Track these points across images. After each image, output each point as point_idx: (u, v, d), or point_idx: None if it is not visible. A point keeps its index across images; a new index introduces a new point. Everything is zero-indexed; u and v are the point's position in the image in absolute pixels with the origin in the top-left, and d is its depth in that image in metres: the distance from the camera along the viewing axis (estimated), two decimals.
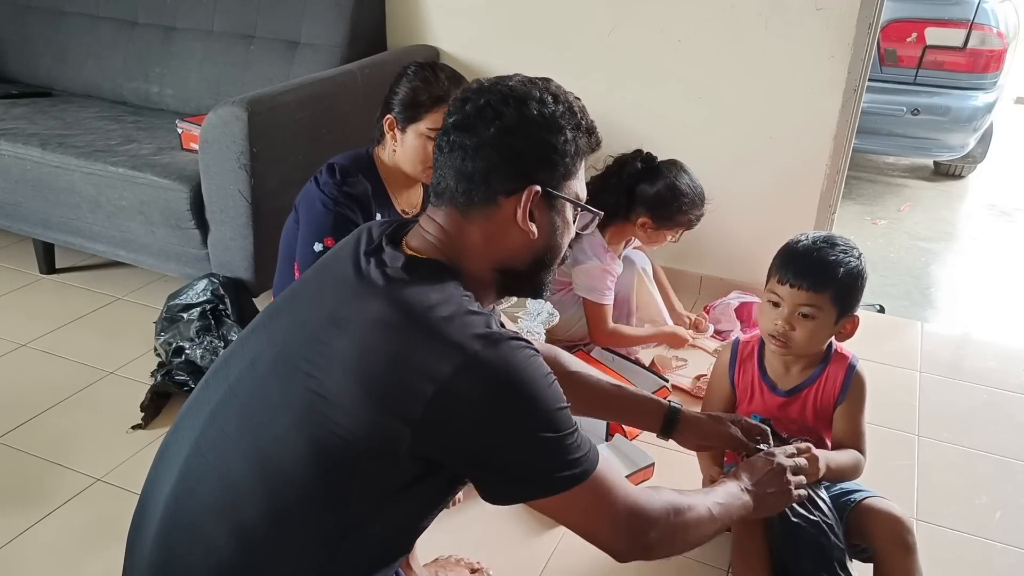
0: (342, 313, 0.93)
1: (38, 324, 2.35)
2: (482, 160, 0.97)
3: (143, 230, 2.27)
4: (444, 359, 0.86)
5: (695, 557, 1.63)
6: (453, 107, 1.01)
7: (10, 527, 1.63)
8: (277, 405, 0.92)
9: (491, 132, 0.96)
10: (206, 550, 0.91)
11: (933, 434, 2.03)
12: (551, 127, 0.98)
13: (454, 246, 0.99)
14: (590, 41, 2.49)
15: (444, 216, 1.00)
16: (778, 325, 1.46)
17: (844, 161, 2.36)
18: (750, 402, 1.58)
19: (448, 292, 0.93)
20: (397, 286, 0.92)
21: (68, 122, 2.58)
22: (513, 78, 1.01)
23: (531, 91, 0.99)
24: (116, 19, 2.88)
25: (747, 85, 2.37)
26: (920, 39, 3.62)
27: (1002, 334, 2.68)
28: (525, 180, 0.97)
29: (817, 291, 1.42)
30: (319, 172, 1.74)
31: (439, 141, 1.01)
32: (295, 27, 2.60)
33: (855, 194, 4.01)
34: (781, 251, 1.51)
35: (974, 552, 1.68)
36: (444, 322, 0.88)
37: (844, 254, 1.44)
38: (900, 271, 3.19)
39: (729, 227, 2.56)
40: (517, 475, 0.92)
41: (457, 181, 0.98)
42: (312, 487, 0.89)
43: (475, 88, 1.01)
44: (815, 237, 1.49)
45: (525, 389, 0.89)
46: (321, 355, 0.90)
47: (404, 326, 0.89)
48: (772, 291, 1.49)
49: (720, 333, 2.45)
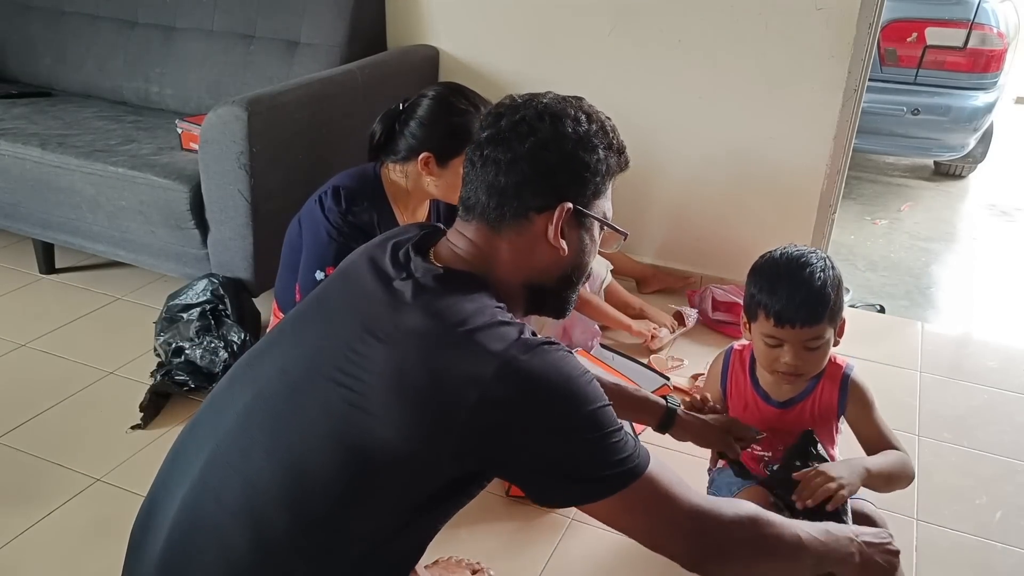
0: (377, 324, 0.92)
1: (38, 324, 2.35)
2: (515, 174, 0.97)
3: (143, 230, 2.27)
4: (483, 367, 0.86)
5: None
6: (486, 121, 1.01)
7: (10, 527, 1.63)
8: (312, 414, 0.91)
9: (526, 147, 0.97)
10: (223, 552, 0.91)
11: (933, 434, 2.03)
12: (585, 145, 0.99)
13: (485, 260, 1.00)
14: (590, 41, 2.49)
15: (474, 231, 1.00)
16: (787, 364, 1.42)
17: (844, 161, 2.36)
18: (744, 412, 1.55)
19: (482, 303, 0.92)
20: (431, 297, 0.92)
21: (68, 122, 2.58)
22: (546, 95, 1.02)
23: (566, 108, 1.00)
24: (116, 19, 2.88)
25: (747, 85, 2.37)
26: (920, 39, 3.61)
27: (1002, 334, 2.68)
28: (557, 197, 0.98)
29: (816, 323, 1.38)
30: (324, 194, 1.71)
31: (471, 155, 1.01)
32: (295, 27, 2.60)
33: (855, 194, 4.01)
34: (761, 291, 1.42)
35: (974, 552, 1.68)
36: (480, 332, 0.88)
37: (821, 271, 1.39)
38: (900, 271, 3.19)
39: (729, 227, 2.57)
40: (565, 476, 0.91)
41: (489, 196, 0.98)
42: (345, 497, 0.89)
43: (509, 103, 1.02)
44: (787, 267, 1.41)
45: (564, 390, 0.89)
46: (358, 366, 0.90)
47: (442, 337, 0.88)
48: (768, 335, 1.42)
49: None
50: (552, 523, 1.69)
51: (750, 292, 1.45)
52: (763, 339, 1.43)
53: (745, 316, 1.49)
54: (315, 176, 2.10)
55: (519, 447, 0.89)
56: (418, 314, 0.90)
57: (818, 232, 2.45)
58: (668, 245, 2.68)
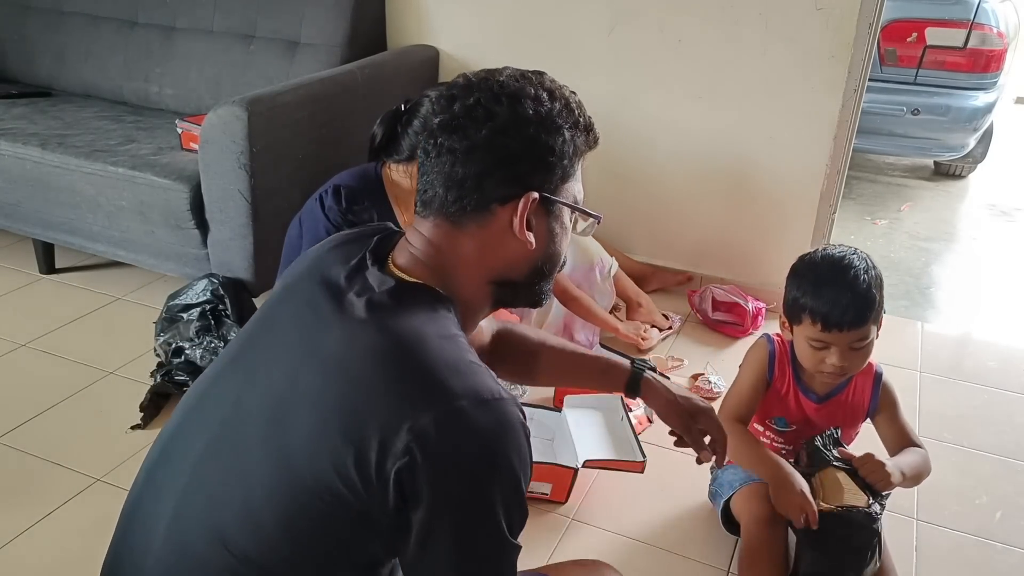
0: (323, 345, 0.84)
1: (38, 324, 2.35)
2: (474, 164, 0.88)
3: (143, 230, 2.27)
4: (427, 401, 0.77)
5: (695, 557, 1.63)
6: (439, 105, 0.91)
7: (10, 527, 1.63)
8: (258, 460, 0.83)
9: (483, 134, 0.87)
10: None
11: (933, 434, 2.03)
12: (548, 127, 0.89)
13: (445, 261, 0.91)
14: (590, 41, 2.49)
15: (432, 227, 0.91)
16: (834, 366, 1.43)
17: (844, 161, 2.36)
18: (785, 405, 1.56)
19: (442, 326, 0.84)
20: (385, 314, 0.84)
21: (68, 122, 2.58)
22: (503, 72, 0.92)
23: (525, 87, 0.90)
24: (116, 19, 2.87)
25: (747, 85, 2.37)
26: (920, 39, 3.61)
27: (1002, 334, 2.68)
28: (521, 186, 0.89)
29: (863, 325, 1.40)
30: (325, 192, 1.71)
31: (424, 144, 0.92)
32: (295, 27, 2.60)
33: (855, 194, 4.01)
34: (804, 295, 1.42)
35: (974, 552, 1.68)
36: (437, 361, 0.80)
37: (864, 272, 1.40)
38: (900, 271, 3.19)
39: (729, 227, 2.57)
40: (436, 557, 0.79)
41: (447, 188, 0.89)
42: (296, 554, 0.82)
43: (463, 83, 0.91)
44: (830, 270, 1.41)
45: (498, 471, 0.78)
46: (299, 394, 0.82)
47: (394, 356, 0.80)
48: (814, 338, 1.42)
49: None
50: (552, 523, 1.70)
51: (792, 295, 1.45)
52: (808, 342, 1.44)
53: (786, 318, 1.49)
54: (315, 176, 2.10)
55: (424, 496, 0.77)
56: (371, 332, 0.82)
57: (818, 232, 2.45)
58: (668, 245, 2.68)
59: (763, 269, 2.56)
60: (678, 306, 2.56)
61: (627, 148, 2.49)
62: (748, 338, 2.41)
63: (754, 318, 2.43)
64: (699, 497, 1.75)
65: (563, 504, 1.73)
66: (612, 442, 1.84)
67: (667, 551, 1.64)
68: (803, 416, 1.56)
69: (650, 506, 1.75)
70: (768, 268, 2.55)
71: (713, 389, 2.13)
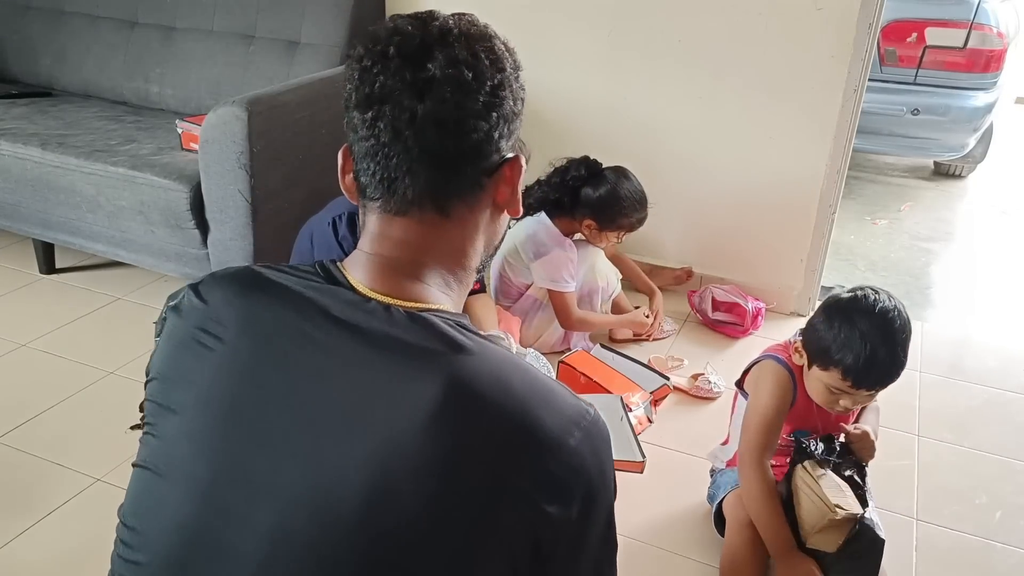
0: (370, 413, 0.66)
1: (38, 324, 2.35)
2: (472, 133, 0.73)
3: (143, 230, 2.27)
4: (544, 457, 0.66)
5: (694, 557, 1.63)
6: (388, 65, 0.72)
7: (10, 527, 1.63)
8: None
9: (480, 96, 0.72)
10: None
11: (933, 434, 2.03)
12: (518, 74, 0.77)
13: (430, 262, 0.76)
14: (590, 41, 2.49)
15: (407, 226, 0.75)
16: (844, 409, 1.45)
17: (844, 161, 2.36)
18: (808, 413, 1.54)
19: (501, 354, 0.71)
20: (450, 357, 0.68)
21: (68, 122, 2.58)
22: (437, 18, 0.75)
23: (484, 31, 0.77)
24: (116, 19, 2.87)
25: (747, 85, 2.37)
26: (920, 39, 3.62)
27: (1002, 334, 2.68)
28: (510, 148, 0.77)
29: (892, 382, 1.41)
30: (339, 218, 1.67)
31: (371, 117, 0.72)
32: (295, 27, 2.60)
33: (855, 194, 4.01)
34: (843, 347, 1.36)
35: (974, 552, 1.68)
36: (533, 404, 0.68)
37: (902, 331, 1.37)
38: (900, 271, 3.19)
39: (729, 227, 2.57)
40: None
41: (436, 169, 0.73)
42: None
43: (402, 37, 0.73)
44: (880, 332, 1.35)
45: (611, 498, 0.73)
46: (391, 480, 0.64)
47: (476, 414, 0.66)
48: (839, 388, 1.40)
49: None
50: None
51: (824, 337, 1.39)
52: (829, 387, 1.42)
53: (805, 352, 1.46)
54: (315, 176, 2.10)
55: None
56: (434, 386, 0.66)
57: (818, 232, 2.46)
58: (667, 245, 2.68)
59: (763, 269, 2.56)
60: (678, 306, 2.56)
61: (627, 148, 2.49)
62: (748, 338, 2.41)
63: (754, 318, 2.43)
64: (698, 497, 1.75)
65: None
66: (611, 442, 1.83)
67: (666, 551, 1.64)
68: (825, 423, 1.54)
69: (649, 506, 1.75)
70: (768, 268, 2.55)
71: (713, 389, 2.13)
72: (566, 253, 2.19)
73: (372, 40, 0.74)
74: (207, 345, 0.73)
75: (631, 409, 1.94)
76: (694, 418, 2.07)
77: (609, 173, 2.23)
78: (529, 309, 2.27)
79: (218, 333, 0.73)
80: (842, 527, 1.35)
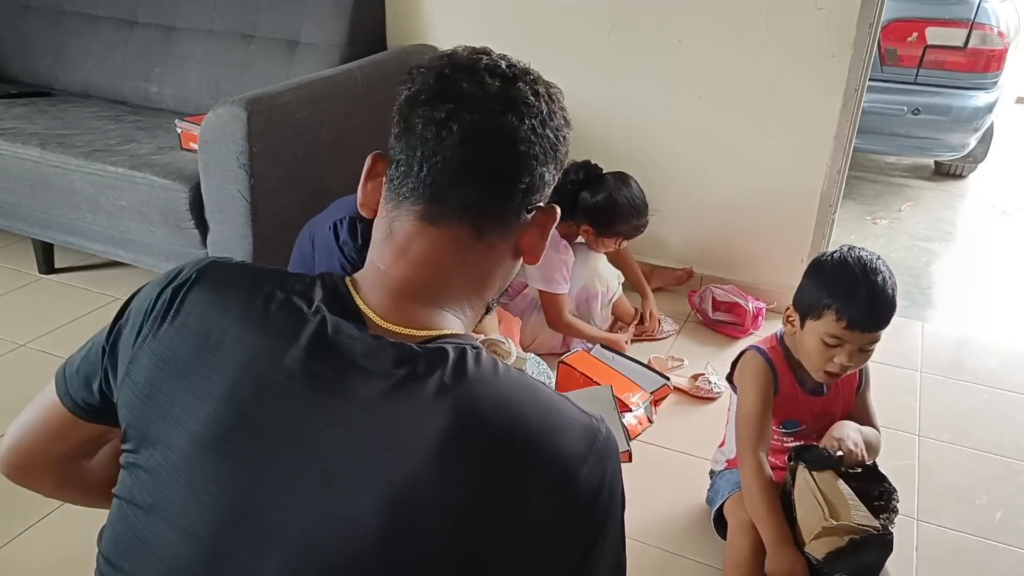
0: (381, 454, 0.64)
1: (38, 324, 2.35)
2: (534, 158, 0.72)
3: (143, 230, 2.27)
4: (552, 483, 0.65)
5: (694, 557, 1.63)
6: (483, 76, 0.72)
7: (10, 527, 1.63)
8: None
9: (550, 125, 0.74)
10: None
11: (933, 434, 2.03)
12: (567, 121, 0.77)
13: (449, 286, 0.74)
14: (590, 41, 2.49)
15: (438, 241, 0.72)
16: (840, 365, 1.44)
17: (844, 161, 2.36)
18: (792, 407, 1.56)
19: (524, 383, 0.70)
20: (457, 390, 0.66)
21: (68, 122, 2.58)
22: (491, 57, 0.75)
23: (537, 78, 0.77)
24: (116, 19, 2.87)
25: (747, 85, 2.36)
26: (921, 39, 3.61)
27: (1002, 334, 2.68)
28: (548, 191, 0.77)
29: (882, 329, 1.43)
30: (340, 222, 1.67)
31: (439, 114, 0.71)
32: (295, 27, 2.60)
33: (855, 194, 4.01)
34: (833, 294, 1.41)
35: (974, 552, 1.68)
36: (545, 428, 0.67)
37: (889, 277, 1.42)
38: (900, 271, 3.17)
39: (729, 227, 2.57)
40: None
41: (488, 188, 0.72)
42: None
43: (486, 67, 0.73)
44: (863, 272, 1.41)
45: (619, 519, 0.71)
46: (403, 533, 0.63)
47: (497, 445, 0.65)
48: (832, 335, 1.42)
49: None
50: None
51: (815, 292, 1.45)
52: (823, 338, 1.44)
53: (796, 312, 1.49)
54: (315, 176, 2.10)
55: None
56: (444, 417, 0.64)
57: (818, 232, 2.45)
58: (667, 245, 2.68)
59: (763, 269, 2.56)
60: (678, 306, 2.56)
61: (627, 148, 2.49)
62: (748, 338, 2.40)
63: (754, 318, 2.43)
64: (698, 498, 1.75)
65: None
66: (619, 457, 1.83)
67: (666, 551, 1.64)
68: (811, 412, 1.56)
69: (649, 505, 1.75)
70: (768, 268, 2.55)
71: (713, 389, 2.13)
72: (560, 256, 2.18)
73: (449, 58, 0.74)
74: (201, 375, 0.69)
75: (631, 409, 1.94)
76: (694, 418, 2.07)
77: (609, 179, 2.22)
78: (526, 309, 2.27)
79: (214, 364, 0.69)
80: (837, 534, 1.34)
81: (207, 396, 0.68)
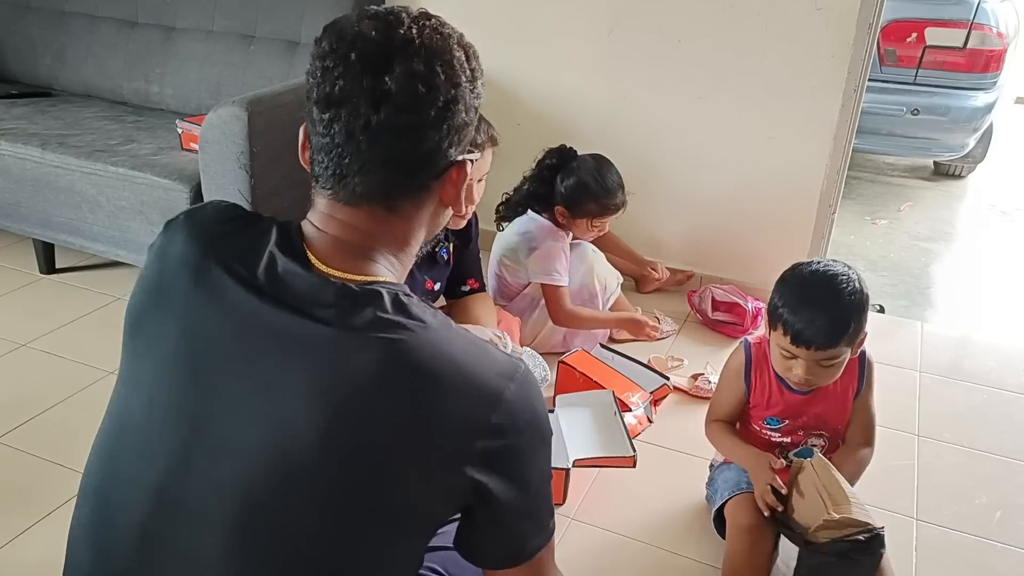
0: (321, 380, 0.73)
1: (38, 324, 2.35)
2: (425, 143, 0.78)
3: (143, 230, 2.27)
4: (480, 407, 0.75)
5: (694, 556, 1.63)
6: (352, 66, 0.76)
7: (10, 527, 1.63)
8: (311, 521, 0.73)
9: (432, 111, 0.77)
10: None
11: (933, 434, 2.03)
12: (476, 87, 0.82)
13: (377, 246, 0.81)
14: (590, 41, 2.49)
15: (362, 216, 0.80)
16: (799, 377, 1.45)
17: (844, 161, 2.36)
18: (768, 403, 1.57)
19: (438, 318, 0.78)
20: (393, 335, 0.74)
21: (68, 122, 2.58)
22: (405, 17, 0.81)
23: (447, 45, 0.82)
24: (116, 19, 2.88)
25: (747, 85, 2.37)
26: (920, 39, 3.62)
27: (1002, 334, 2.68)
28: (461, 154, 0.82)
29: (833, 347, 1.40)
30: None
31: (330, 116, 0.77)
32: (295, 27, 2.60)
33: (855, 194, 4.01)
34: (784, 305, 1.42)
35: (974, 552, 1.68)
36: (471, 361, 0.77)
37: (848, 296, 1.40)
38: (900, 271, 3.19)
39: (729, 227, 2.57)
40: (508, 524, 0.83)
41: (391, 172, 0.78)
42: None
43: (376, 43, 0.76)
44: (815, 287, 1.42)
45: (545, 434, 0.83)
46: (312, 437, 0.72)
47: (429, 375, 0.74)
48: (784, 348, 1.44)
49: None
50: None
51: (773, 302, 1.46)
52: (779, 350, 1.46)
53: (767, 319, 1.50)
54: None
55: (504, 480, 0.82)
56: (376, 353, 0.73)
57: (818, 232, 2.46)
58: (667, 245, 2.68)
59: (763, 269, 2.55)
60: (678, 306, 2.56)
61: (627, 148, 2.49)
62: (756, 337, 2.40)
63: (754, 318, 2.43)
64: (698, 497, 1.75)
65: (562, 505, 1.73)
66: (601, 439, 1.83)
67: (666, 550, 1.64)
68: (792, 410, 1.56)
69: (649, 505, 1.75)
70: (768, 268, 2.53)
71: (713, 389, 2.13)
72: (558, 244, 2.19)
73: (337, 38, 0.77)
74: (168, 307, 0.87)
75: (631, 409, 1.94)
76: (694, 418, 2.06)
77: (581, 159, 2.23)
78: (526, 308, 2.27)
79: (178, 296, 0.85)
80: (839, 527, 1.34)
81: (172, 319, 0.84)
